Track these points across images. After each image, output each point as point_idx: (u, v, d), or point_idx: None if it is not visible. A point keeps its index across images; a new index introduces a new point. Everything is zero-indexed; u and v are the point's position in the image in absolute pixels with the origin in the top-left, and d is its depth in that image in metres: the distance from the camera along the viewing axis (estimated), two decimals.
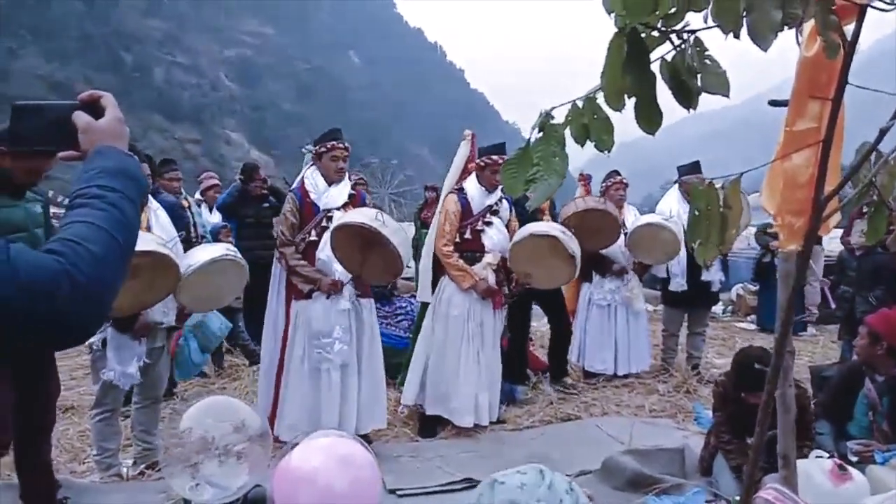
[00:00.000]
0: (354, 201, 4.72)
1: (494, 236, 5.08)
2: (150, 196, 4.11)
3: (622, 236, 6.10)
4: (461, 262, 4.97)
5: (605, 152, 1.80)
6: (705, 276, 6.25)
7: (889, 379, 3.85)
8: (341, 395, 4.46)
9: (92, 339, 3.82)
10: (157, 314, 3.96)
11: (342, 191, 4.65)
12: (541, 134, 1.72)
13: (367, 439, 4.45)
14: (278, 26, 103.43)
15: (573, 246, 4.96)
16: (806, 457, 3.35)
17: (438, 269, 5.08)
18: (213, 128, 79.19)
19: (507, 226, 5.21)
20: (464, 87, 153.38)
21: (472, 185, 5.08)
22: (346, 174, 4.69)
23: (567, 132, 1.75)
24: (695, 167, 6.43)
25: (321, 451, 2.02)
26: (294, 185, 4.73)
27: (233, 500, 2.32)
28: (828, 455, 3.46)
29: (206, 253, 4.03)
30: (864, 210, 5.85)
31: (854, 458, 3.63)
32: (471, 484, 3.95)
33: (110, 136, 1.27)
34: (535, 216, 5.71)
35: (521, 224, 5.25)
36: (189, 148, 60.92)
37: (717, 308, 9.94)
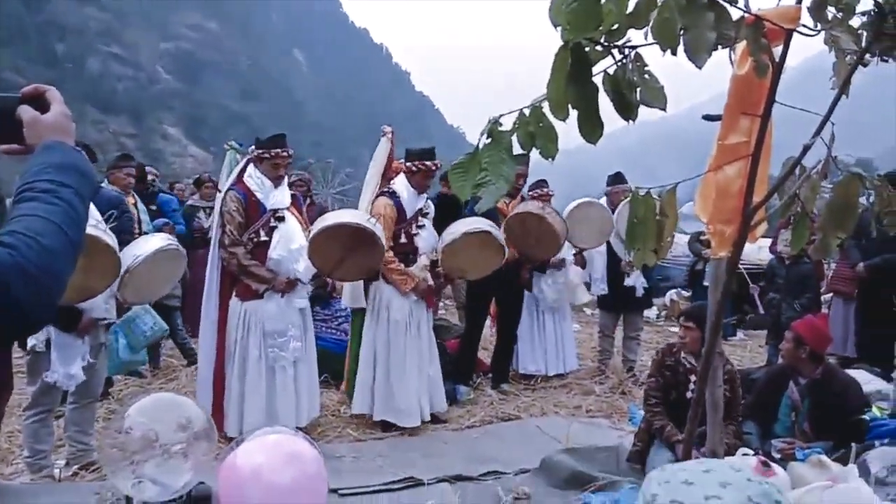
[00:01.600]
0: (294, 203, 4.75)
1: (427, 238, 5.16)
2: None
3: (565, 246, 6.19)
4: (401, 265, 5.00)
5: (549, 159, 1.88)
6: (627, 282, 6.48)
7: (811, 382, 4.08)
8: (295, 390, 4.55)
9: (33, 342, 3.71)
10: (100, 310, 3.88)
11: (285, 191, 4.70)
12: (489, 140, 1.79)
13: (306, 433, 4.51)
14: (222, 21, 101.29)
15: (501, 237, 5.15)
16: (733, 454, 3.52)
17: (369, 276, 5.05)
18: (149, 122, 76.96)
19: (433, 221, 5.32)
20: (409, 89, 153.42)
21: (402, 188, 5.08)
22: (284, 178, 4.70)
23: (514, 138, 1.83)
24: (618, 178, 6.71)
25: (266, 448, 2.03)
26: (230, 183, 4.64)
27: (176, 497, 2.31)
28: (753, 453, 3.64)
29: (149, 244, 3.96)
30: (790, 221, 6.16)
31: (778, 456, 3.82)
32: (413, 483, 4.01)
33: (57, 130, 1.27)
34: (497, 219, 5.79)
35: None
36: (124, 141, 58.95)
37: (651, 313, 10.23)
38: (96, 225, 3.45)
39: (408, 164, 5.08)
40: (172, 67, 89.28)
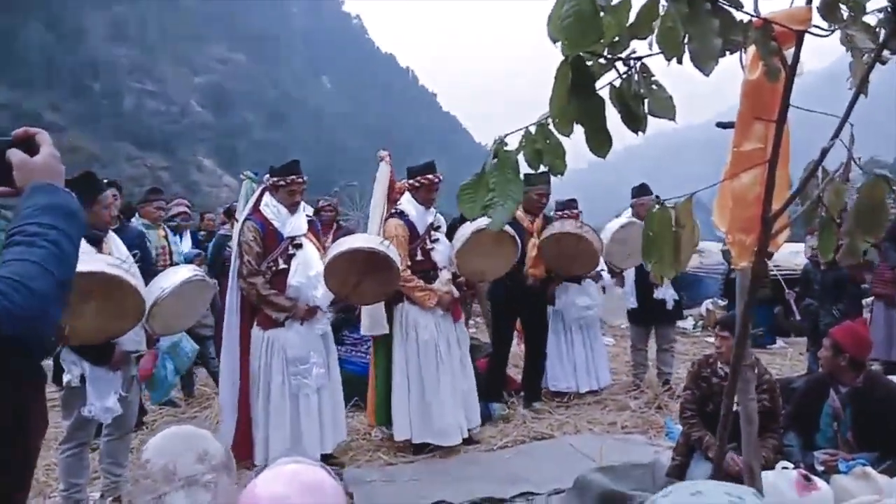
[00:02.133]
0: (311, 229, 4.76)
1: (444, 252, 5.16)
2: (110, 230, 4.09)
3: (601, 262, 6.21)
4: (421, 282, 4.98)
5: (559, 176, 1.85)
6: (657, 295, 6.39)
7: (852, 390, 3.94)
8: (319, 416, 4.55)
9: (67, 377, 3.77)
10: (130, 343, 3.92)
11: (303, 217, 4.72)
12: (495, 160, 1.77)
13: (339, 463, 4.49)
14: (248, 52, 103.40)
15: (509, 228, 5.07)
16: (772, 468, 3.41)
17: (391, 300, 5.00)
18: (183, 154, 78.62)
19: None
20: (437, 110, 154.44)
21: (410, 206, 5.09)
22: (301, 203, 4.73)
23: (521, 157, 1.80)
24: (643, 189, 6.61)
25: (286, 478, 2.01)
26: (247, 213, 4.65)
27: None
28: (793, 466, 3.52)
29: (176, 276, 4.03)
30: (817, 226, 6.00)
31: (821, 469, 3.69)
32: None
33: (46, 172, 1.31)
34: (522, 237, 5.80)
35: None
36: (160, 175, 60.22)
37: (687, 323, 10.06)
38: (120, 265, 3.51)
39: (410, 181, 5.10)
40: (204, 100, 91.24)
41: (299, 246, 4.59)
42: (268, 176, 4.68)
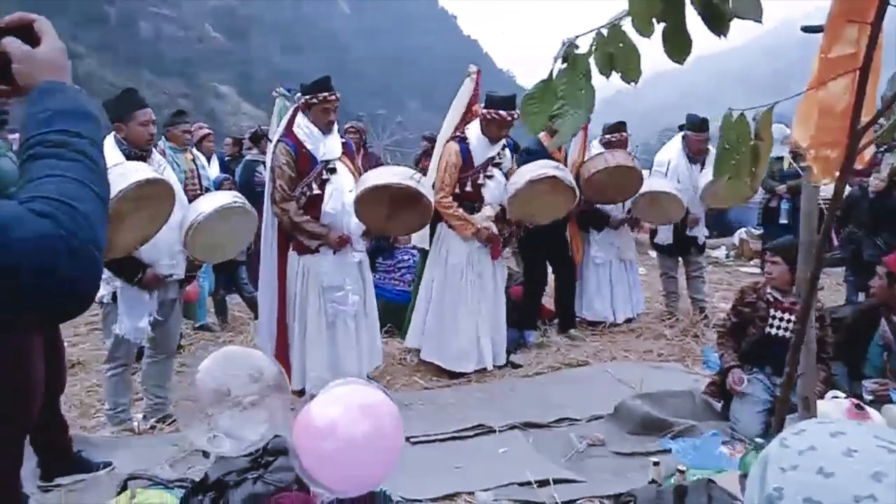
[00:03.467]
0: (345, 151, 4.62)
1: (495, 189, 5.01)
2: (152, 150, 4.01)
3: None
4: (461, 211, 4.92)
5: (633, 83, 1.70)
6: (690, 232, 6.27)
7: None
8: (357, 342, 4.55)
9: (101, 293, 3.76)
10: (165, 267, 3.89)
11: (337, 140, 4.55)
12: (564, 65, 1.62)
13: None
14: None
15: (569, 177, 4.96)
16: (822, 397, 3.34)
17: (436, 217, 4.98)
18: (201, 81, 77.87)
19: (506, 174, 5.11)
20: (457, 34, 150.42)
21: (474, 135, 4.94)
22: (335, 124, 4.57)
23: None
24: (703, 124, 6.18)
25: (341, 401, 1.97)
26: (280, 134, 4.48)
27: (252, 451, 2.30)
28: (844, 396, 3.45)
29: (214, 201, 3.97)
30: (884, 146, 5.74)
31: (870, 398, 3.63)
32: (484, 430, 3.97)
33: (53, 68, 1.10)
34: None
35: None
36: (179, 102, 59.94)
37: (720, 252, 9.90)
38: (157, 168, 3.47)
39: (483, 110, 4.89)
40: (219, 25, 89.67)
41: (333, 170, 4.46)
42: (299, 95, 4.52)
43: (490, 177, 4.99)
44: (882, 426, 0.90)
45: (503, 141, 5.04)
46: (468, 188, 4.94)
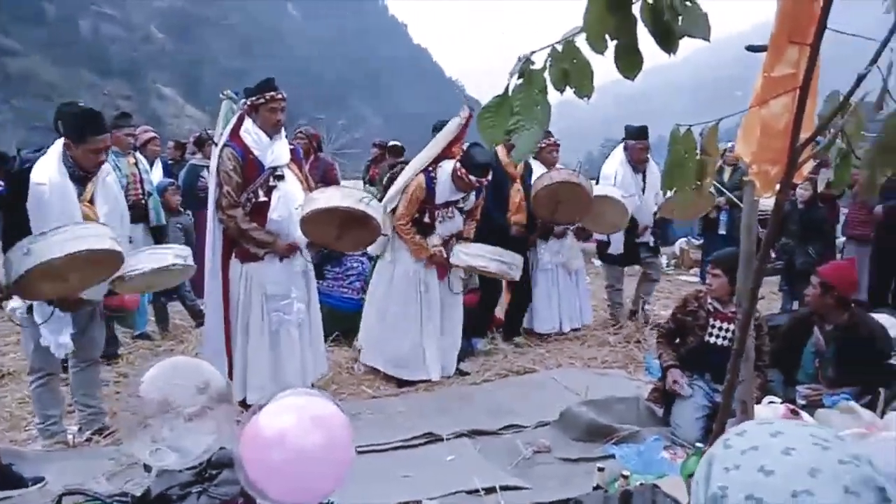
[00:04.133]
0: (293, 157, 4.53)
1: (450, 227, 5.13)
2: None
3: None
4: (418, 237, 5.03)
5: (585, 98, 1.73)
6: (640, 239, 6.43)
7: (837, 327, 3.99)
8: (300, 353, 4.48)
9: (14, 305, 3.61)
10: (86, 293, 3.74)
11: (285, 146, 4.46)
12: (520, 80, 1.65)
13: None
14: None
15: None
16: (759, 402, 3.45)
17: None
18: (145, 83, 75.86)
19: (470, 212, 5.24)
20: (407, 41, 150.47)
21: (443, 176, 4.98)
22: (283, 127, 4.49)
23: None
24: (641, 132, 6.40)
25: (291, 411, 1.94)
26: (225, 139, 4.36)
27: (196, 464, 2.24)
28: (779, 401, 3.57)
29: (151, 259, 3.82)
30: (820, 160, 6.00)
31: (803, 403, 3.76)
32: (432, 438, 3.96)
33: None
34: (506, 183, 5.70)
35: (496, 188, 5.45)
36: (120, 104, 58.01)
37: (661, 261, 10.14)
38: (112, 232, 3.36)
39: (458, 163, 4.93)
40: (166, 26, 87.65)
41: (281, 177, 4.37)
42: (244, 102, 4.42)
43: (450, 217, 5.12)
44: (816, 426, 0.94)
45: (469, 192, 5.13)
46: (426, 219, 5.04)
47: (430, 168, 5.00)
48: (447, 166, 4.98)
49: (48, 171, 3.53)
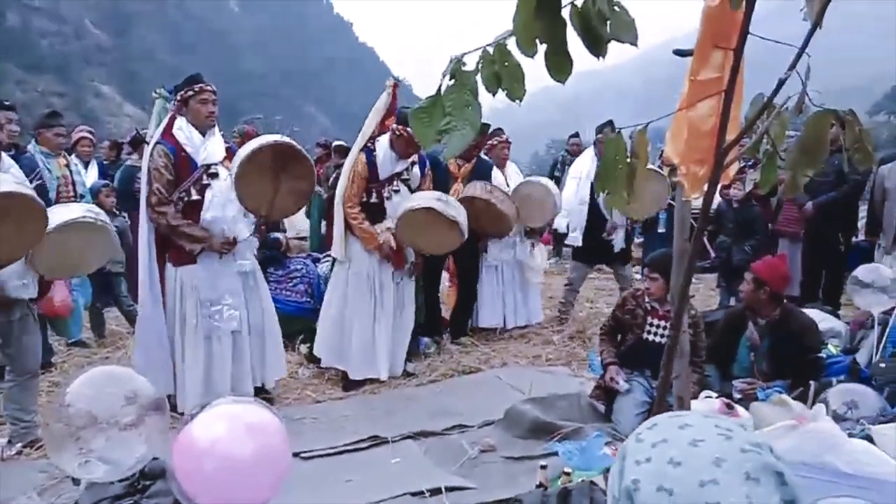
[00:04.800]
0: (229, 155, 4.38)
1: (399, 204, 4.97)
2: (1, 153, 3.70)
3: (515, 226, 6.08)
4: (366, 224, 4.93)
5: (517, 102, 1.74)
6: (607, 237, 6.46)
7: (769, 322, 4.13)
8: (233, 360, 4.35)
9: None
10: (13, 289, 3.59)
11: (219, 143, 4.36)
12: (452, 81, 1.65)
13: (269, 400, 4.37)
14: None
15: (452, 212, 4.81)
16: (696, 397, 3.54)
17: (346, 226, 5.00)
18: (79, 80, 73.21)
19: (418, 188, 5.13)
20: (352, 40, 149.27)
21: (382, 148, 4.93)
22: (216, 123, 4.38)
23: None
24: (609, 126, 6.47)
25: (225, 419, 1.89)
26: (157, 136, 4.24)
27: (128, 475, 2.17)
28: (715, 395, 3.68)
29: (59, 215, 3.51)
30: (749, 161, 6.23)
31: (738, 396, 3.88)
32: (377, 441, 3.94)
33: None
34: (448, 182, 5.70)
35: (437, 185, 5.29)
36: (53, 101, 55.69)
37: (630, 271, 10.31)
38: (23, 182, 3.18)
39: (394, 125, 4.87)
40: (100, 21, 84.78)
41: (215, 175, 4.26)
42: (174, 98, 4.30)
43: (396, 191, 5.00)
44: (721, 416, 0.99)
45: (413, 157, 5.04)
46: (374, 199, 4.95)
47: (370, 144, 4.96)
48: (384, 139, 4.95)
49: None
